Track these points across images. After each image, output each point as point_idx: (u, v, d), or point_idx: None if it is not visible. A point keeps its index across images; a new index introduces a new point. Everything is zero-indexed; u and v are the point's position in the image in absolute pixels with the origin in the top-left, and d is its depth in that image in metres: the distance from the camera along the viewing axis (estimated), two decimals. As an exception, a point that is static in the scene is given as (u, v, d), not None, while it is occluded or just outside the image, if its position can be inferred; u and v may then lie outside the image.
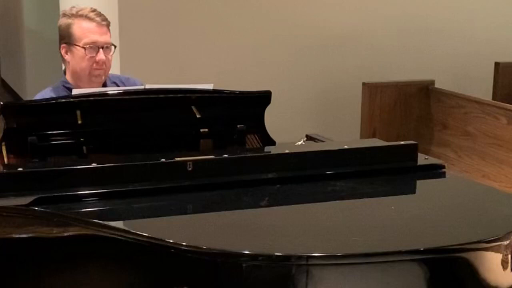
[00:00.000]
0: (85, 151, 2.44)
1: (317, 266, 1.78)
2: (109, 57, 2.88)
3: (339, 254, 1.80)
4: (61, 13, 2.95)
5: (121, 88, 2.74)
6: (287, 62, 4.50)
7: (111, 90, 2.71)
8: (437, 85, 4.51)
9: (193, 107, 2.57)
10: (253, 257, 1.77)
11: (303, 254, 1.77)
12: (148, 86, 2.72)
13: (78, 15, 2.85)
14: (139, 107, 2.55)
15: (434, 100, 4.44)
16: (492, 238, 1.92)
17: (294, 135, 2.87)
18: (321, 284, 1.79)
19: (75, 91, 2.62)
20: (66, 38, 2.88)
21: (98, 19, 2.84)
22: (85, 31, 2.83)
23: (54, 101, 2.52)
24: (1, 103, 2.37)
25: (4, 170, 2.24)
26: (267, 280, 1.80)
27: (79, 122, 2.45)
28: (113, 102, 2.54)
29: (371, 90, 4.40)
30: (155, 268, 1.89)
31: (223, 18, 4.34)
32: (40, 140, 2.39)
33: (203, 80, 2.72)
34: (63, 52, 2.91)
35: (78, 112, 2.44)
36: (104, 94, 2.58)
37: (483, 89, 4.74)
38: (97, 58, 2.82)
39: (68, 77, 2.93)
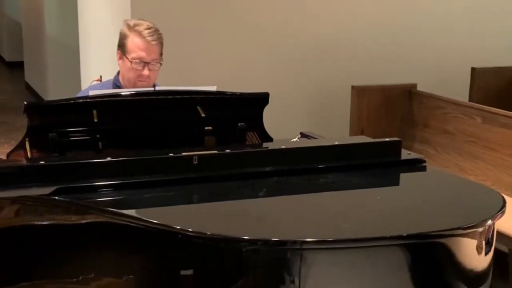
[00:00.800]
0: (100, 146, 2.44)
1: (310, 250, 1.78)
2: (154, 72, 2.86)
3: (330, 239, 1.81)
4: (124, 21, 2.92)
5: (133, 90, 2.74)
6: (284, 66, 4.50)
7: (124, 91, 2.71)
8: (419, 88, 4.50)
9: (198, 107, 2.57)
10: (252, 242, 1.78)
11: (297, 240, 1.78)
12: (158, 88, 2.73)
13: (134, 29, 2.82)
14: (149, 107, 2.55)
15: (416, 102, 4.44)
16: (468, 225, 1.93)
17: (290, 133, 2.86)
18: (314, 267, 1.79)
19: (91, 92, 2.61)
20: (121, 46, 2.87)
21: (149, 38, 2.80)
22: (135, 46, 2.81)
23: (72, 101, 2.51)
24: (25, 103, 2.37)
25: (28, 164, 2.25)
26: (264, 263, 1.81)
27: (95, 120, 2.45)
28: (126, 102, 2.54)
29: (359, 93, 4.40)
30: (164, 252, 1.89)
31: (227, 28, 4.34)
32: (60, 137, 2.38)
33: (207, 83, 2.72)
34: (117, 56, 2.90)
35: (95, 111, 2.44)
36: (118, 95, 2.58)
37: (460, 92, 4.73)
38: (142, 73, 2.81)
39: (120, 78, 2.92)
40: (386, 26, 4.71)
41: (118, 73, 2.95)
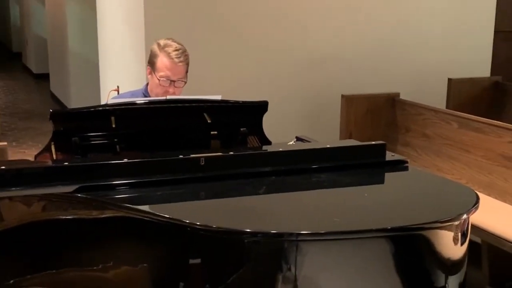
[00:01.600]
0: (118, 149, 2.44)
1: (305, 242, 1.78)
2: (179, 89, 2.86)
3: (322, 232, 1.81)
4: (155, 41, 2.92)
5: (147, 99, 2.75)
6: (281, 78, 4.49)
7: (139, 100, 2.71)
8: (401, 97, 4.50)
9: (204, 114, 2.56)
10: (253, 234, 1.78)
11: (293, 232, 1.78)
12: (169, 97, 2.73)
13: (164, 50, 2.83)
14: (161, 114, 2.54)
15: (399, 109, 4.44)
16: (445, 219, 1.94)
17: (286, 137, 2.86)
18: (308, 256, 1.79)
19: (110, 101, 2.62)
20: (151, 64, 2.87)
21: (176, 59, 2.81)
22: (163, 66, 2.82)
23: (93, 109, 2.51)
24: (51, 110, 2.37)
25: (53, 164, 2.25)
26: (264, 253, 1.81)
27: (113, 126, 2.44)
28: (141, 110, 2.54)
29: (348, 101, 4.40)
30: (174, 243, 1.89)
31: (230, 45, 4.34)
32: (82, 141, 2.38)
33: (213, 92, 2.72)
34: (147, 71, 2.90)
35: (112, 118, 2.44)
36: (134, 104, 2.58)
37: (438, 100, 4.73)
38: (168, 89, 2.82)
39: (149, 89, 2.92)
40: (371, 42, 4.71)
41: (147, 84, 2.95)
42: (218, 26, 4.31)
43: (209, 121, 2.57)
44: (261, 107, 2.65)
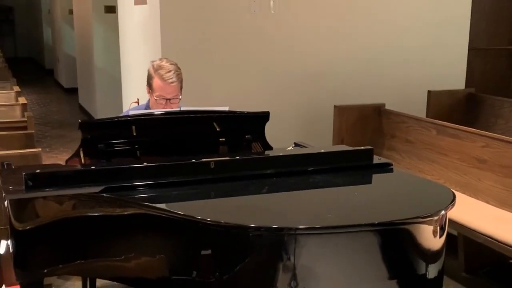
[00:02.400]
0: (138, 154, 2.44)
1: (302, 235, 1.78)
2: (175, 105, 2.81)
3: (318, 226, 1.81)
4: (151, 62, 2.88)
5: (163, 110, 2.74)
6: (281, 91, 4.50)
7: (157, 111, 2.71)
8: (387, 107, 4.50)
9: (214, 123, 2.57)
10: (256, 228, 1.78)
11: (292, 227, 1.78)
12: (183, 108, 2.73)
13: (157, 73, 2.78)
14: (176, 123, 2.54)
15: (385, 118, 4.44)
16: (426, 215, 1.93)
17: (286, 143, 2.86)
18: (305, 248, 1.79)
19: (131, 112, 2.62)
20: (148, 84, 2.84)
21: (169, 81, 2.76)
22: (158, 87, 2.78)
23: (116, 119, 2.51)
24: (79, 121, 2.38)
25: (82, 168, 2.26)
26: (266, 245, 1.80)
27: (134, 134, 2.45)
28: (158, 120, 2.54)
29: (340, 111, 4.39)
30: (187, 236, 1.89)
31: (236, 62, 4.35)
32: (107, 147, 2.39)
33: (221, 104, 2.72)
34: (147, 90, 2.87)
35: (133, 127, 2.45)
36: (152, 114, 2.58)
37: (419, 110, 4.73)
38: (165, 107, 2.78)
39: (150, 105, 2.89)
40: (360, 60, 4.72)
41: (149, 100, 2.94)
42: (226, 47, 4.32)
43: (218, 129, 2.57)
44: (264, 117, 2.65)
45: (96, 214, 2.04)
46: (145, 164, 2.18)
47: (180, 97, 2.84)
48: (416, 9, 4.84)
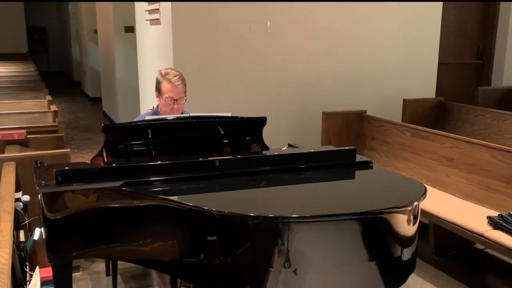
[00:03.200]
0: (153, 154, 2.44)
1: (295, 223, 1.78)
2: (181, 105, 2.82)
3: (308, 215, 1.80)
4: (158, 71, 2.88)
5: (175, 116, 2.74)
6: (277, 99, 4.50)
7: (169, 117, 2.71)
8: (368, 113, 4.50)
9: (218, 127, 2.57)
10: (255, 217, 1.78)
11: (286, 216, 1.78)
12: (192, 114, 2.73)
13: (165, 77, 2.78)
14: (186, 127, 2.54)
15: (366, 122, 4.44)
16: (401, 205, 1.93)
17: (281, 144, 2.86)
18: (297, 234, 1.79)
19: (147, 117, 2.61)
20: (157, 89, 2.84)
21: (176, 83, 2.76)
22: (167, 90, 2.78)
23: (134, 124, 2.51)
24: (103, 125, 2.37)
25: (105, 165, 2.25)
26: (264, 231, 1.80)
27: (150, 136, 2.45)
28: (170, 124, 2.54)
29: (328, 116, 4.40)
30: (196, 224, 1.89)
31: (237, 74, 4.35)
32: (126, 147, 2.39)
33: (224, 110, 2.72)
34: (155, 95, 2.86)
35: (149, 130, 2.44)
36: (165, 119, 2.58)
37: (396, 115, 4.73)
38: (173, 107, 2.79)
39: (159, 109, 2.89)
40: (345, 72, 4.73)
41: (158, 106, 2.94)
42: (229, 61, 4.33)
43: (222, 132, 2.57)
44: (261, 121, 2.65)
45: (117, 205, 2.03)
46: (159, 162, 2.18)
47: (185, 98, 2.85)
48: (393, 30, 4.85)
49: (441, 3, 5.04)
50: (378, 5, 4.73)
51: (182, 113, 2.83)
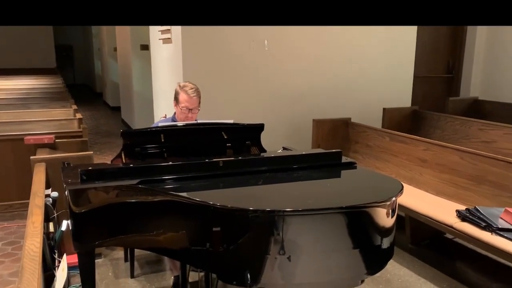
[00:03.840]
0: (165, 156, 2.44)
1: (289, 216, 1.78)
2: (195, 114, 2.82)
3: (300, 209, 1.80)
4: (177, 83, 2.88)
5: (184, 122, 2.75)
6: (273, 108, 4.51)
7: (179, 123, 2.71)
8: (352, 120, 4.51)
9: (222, 132, 2.57)
10: (254, 211, 1.78)
11: (281, 209, 1.78)
12: (199, 121, 2.73)
13: (183, 89, 2.79)
14: (194, 132, 2.54)
15: (351, 128, 4.45)
16: (381, 201, 1.93)
17: (276, 147, 2.87)
18: (291, 226, 1.79)
19: (161, 124, 2.62)
20: (176, 99, 2.83)
21: (192, 95, 2.77)
22: (183, 100, 2.78)
23: (149, 130, 2.51)
24: (121, 131, 2.38)
25: (123, 166, 2.25)
26: (262, 223, 1.80)
27: (163, 140, 2.45)
28: (181, 130, 2.54)
29: (317, 123, 4.41)
30: (202, 217, 1.89)
31: (238, 87, 4.36)
32: (142, 150, 2.40)
33: (228, 118, 2.72)
34: (174, 104, 2.86)
35: (162, 135, 2.45)
36: (176, 126, 2.58)
37: (376, 122, 4.74)
38: (188, 115, 2.79)
39: (176, 116, 2.88)
40: (333, 85, 4.73)
41: (175, 113, 2.96)
42: (231, 75, 4.34)
43: (225, 137, 2.57)
44: (260, 127, 2.65)
45: (134, 200, 2.04)
46: (170, 163, 2.18)
47: (199, 108, 2.85)
48: (374, 49, 4.86)
49: (415, 26, 5.06)
50: (361, 28, 4.75)
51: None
